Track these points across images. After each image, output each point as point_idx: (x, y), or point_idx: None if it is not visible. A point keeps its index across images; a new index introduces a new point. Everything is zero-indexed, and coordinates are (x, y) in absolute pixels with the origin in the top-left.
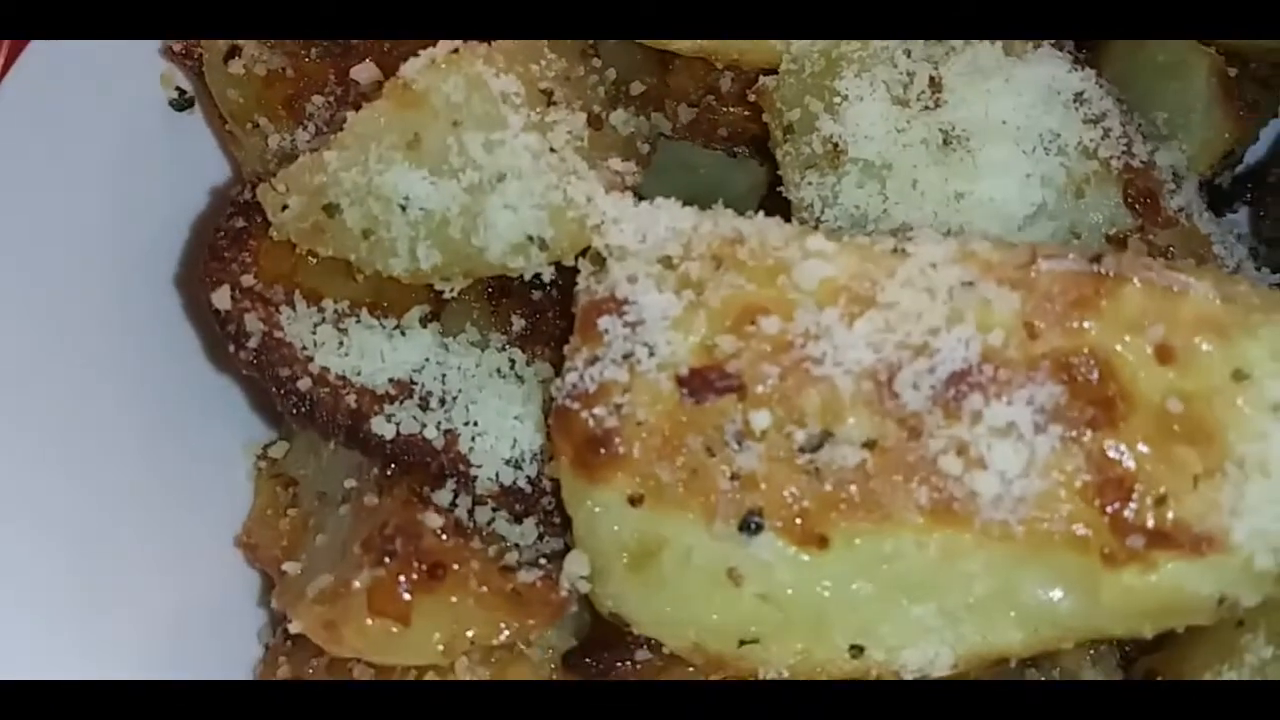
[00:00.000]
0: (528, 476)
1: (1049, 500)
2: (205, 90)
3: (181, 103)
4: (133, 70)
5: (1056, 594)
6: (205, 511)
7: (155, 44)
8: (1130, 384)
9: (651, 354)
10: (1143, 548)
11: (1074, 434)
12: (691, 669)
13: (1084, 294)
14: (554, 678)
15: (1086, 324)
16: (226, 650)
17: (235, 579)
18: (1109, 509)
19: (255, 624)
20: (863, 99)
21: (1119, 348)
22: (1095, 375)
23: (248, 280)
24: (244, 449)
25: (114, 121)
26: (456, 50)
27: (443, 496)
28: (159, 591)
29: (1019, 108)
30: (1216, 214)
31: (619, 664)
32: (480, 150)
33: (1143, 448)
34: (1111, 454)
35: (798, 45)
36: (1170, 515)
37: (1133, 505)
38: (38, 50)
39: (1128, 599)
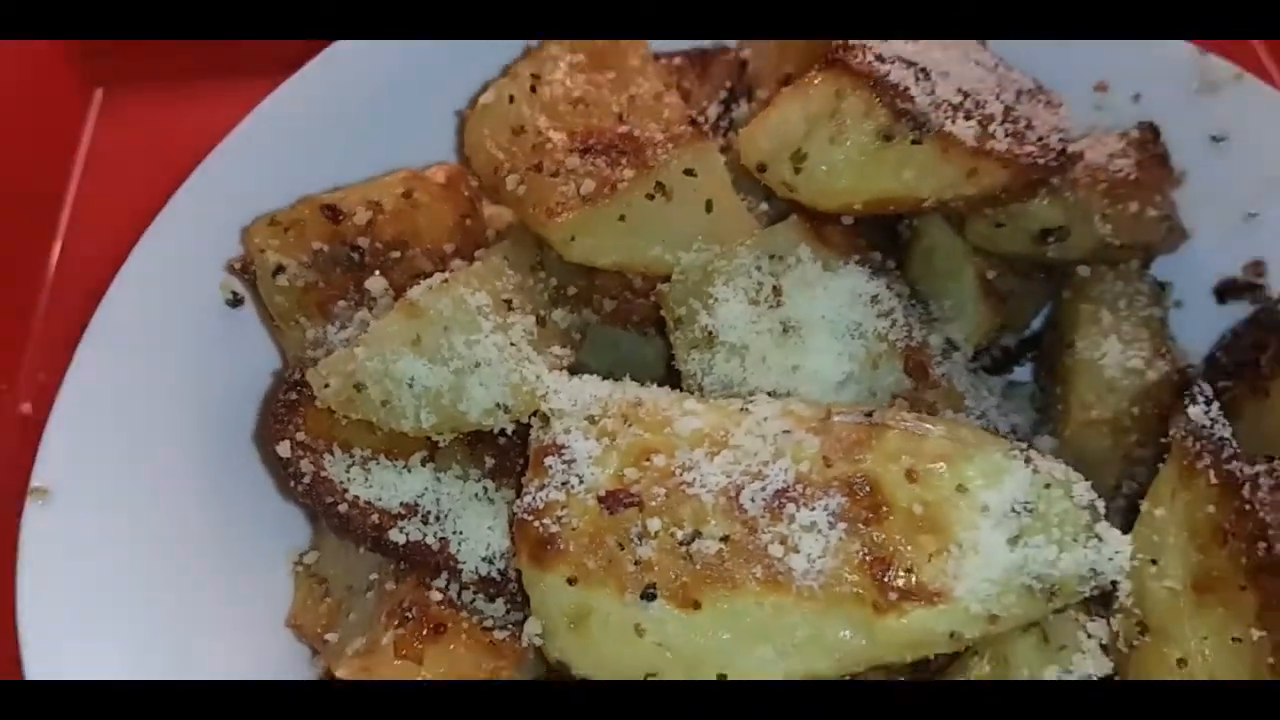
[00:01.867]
0: (499, 569)
1: (839, 572)
2: (254, 294)
3: (235, 301)
4: (201, 280)
5: (848, 634)
6: (261, 603)
7: (217, 261)
8: (890, 496)
9: (580, 481)
10: (898, 600)
11: (854, 528)
12: None
13: (860, 437)
14: None
15: (861, 457)
16: None
17: (286, 652)
18: (876, 576)
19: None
20: (728, 300)
21: (882, 471)
22: (867, 490)
23: (300, 436)
24: (285, 557)
25: (192, 316)
26: (445, 280)
27: (440, 583)
28: (234, 657)
29: (833, 307)
30: (1006, 370)
31: None
32: (463, 346)
33: (898, 536)
34: (878, 541)
35: (686, 259)
36: (915, 579)
37: (891, 573)
38: (138, 259)
39: (892, 636)
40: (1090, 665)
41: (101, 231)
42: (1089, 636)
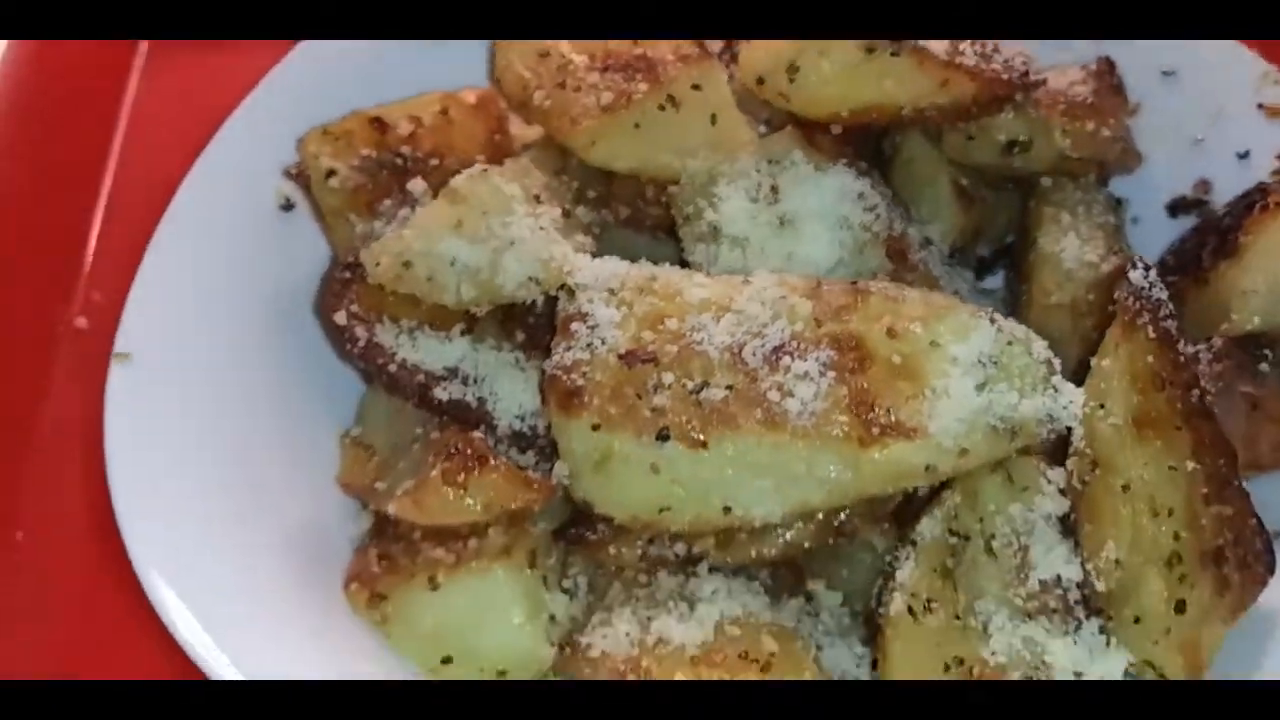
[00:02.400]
0: (529, 426)
1: (829, 413)
2: (309, 199)
3: (287, 206)
4: (259, 187)
5: (836, 468)
6: (315, 464)
7: (274, 169)
8: (873, 350)
9: (603, 342)
10: (879, 435)
11: (841, 376)
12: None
13: (847, 301)
14: (549, 548)
15: (847, 318)
16: (333, 550)
17: (337, 506)
18: (861, 415)
19: (348, 535)
20: (731, 199)
21: (866, 329)
22: (853, 345)
23: (354, 308)
24: (333, 431)
25: (252, 217)
26: (484, 170)
27: (478, 435)
28: (288, 510)
29: (824, 202)
30: (980, 277)
31: (587, 533)
32: (499, 228)
33: (879, 383)
34: (862, 386)
35: (692, 165)
36: (894, 417)
37: (874, 413)
38: (204, 163)
39: (875, 468)
40: (1050, 505)
41: (151, 161)
42: (1049, 482)
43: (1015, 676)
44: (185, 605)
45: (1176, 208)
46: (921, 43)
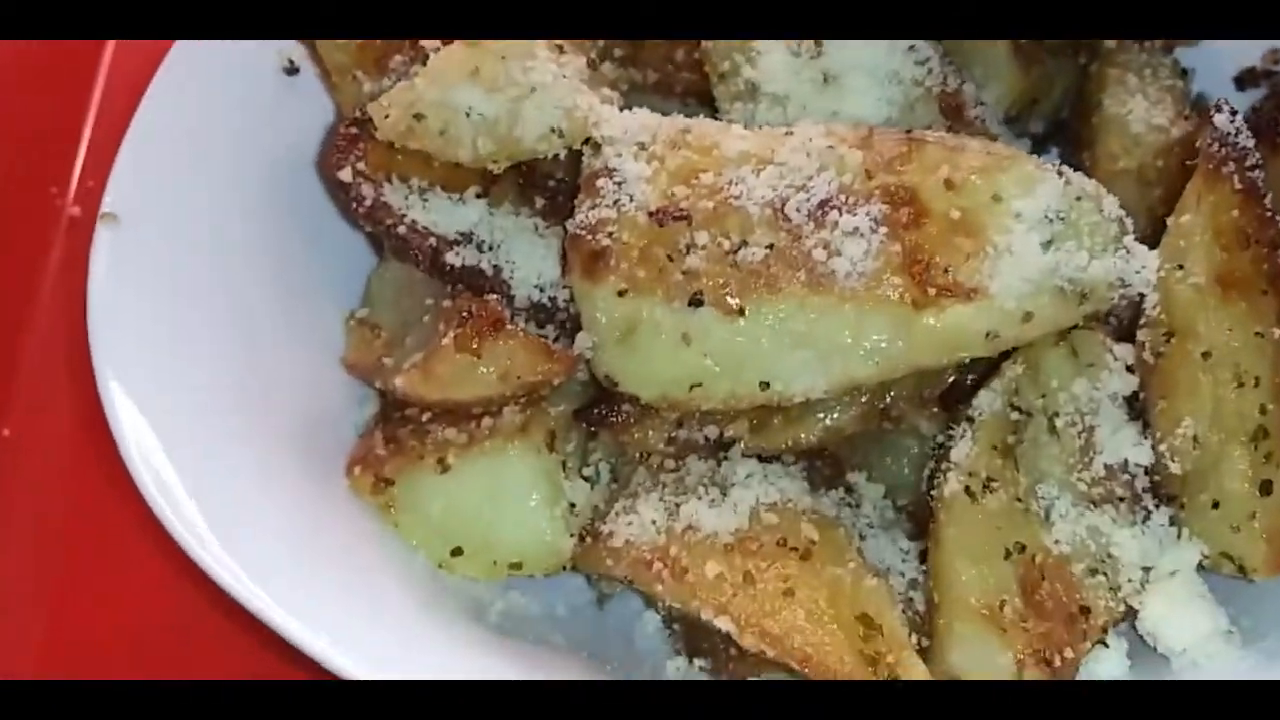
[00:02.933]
0: (549, 296)
1: (880, 272)
2: (313, 58)
3: (291, 70)
4: (257, 48)
5: (887, 336)
6: (318, 341)
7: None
8: (929, 203)
9: (631, 199)
10: (936, 296)
11: (894, 232)
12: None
13: (901, 151)
14: (569, 430)
15: (902, 168)
16: (336, 436)
17: (341, 390)
18: (915, 275)
19: (352, 421)
20: (770, 52)
21: (921, 181)
22: (907, 198)
23: (361, 166)
24: (338, 313)
25: (249, 78)
26: None
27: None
28: (288, 392)
29: (872, 55)
30: (1034, 152)
31: (610, 414)
32: (519, 74)
33: (936, 239)
34: (917, 243)
35: None
36: (952, 277)
37: (929, 272)
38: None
39: (930, 335)
40: (1117, 383)
41: (148, 46)
42: (1115, 359)
43: (1079, 568)
44: (180, 499)
45: (1245, 80)
46: None
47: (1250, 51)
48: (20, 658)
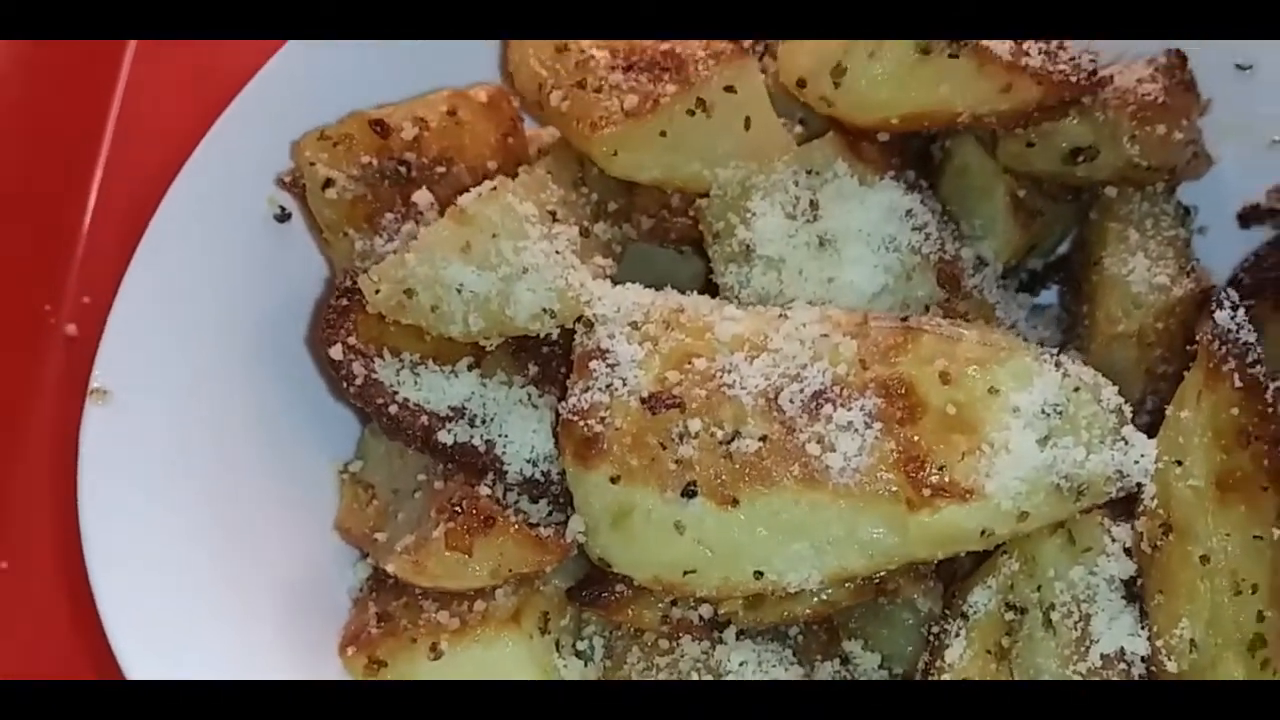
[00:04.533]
0: (542, 471)
1: (874, 470)
2: (304, 209)
3: (282, 217)
4: (250, 195)
5: (882, 531)
6: (310, 507)
7: (266, 176)
8: (924, 397)
9: (624, 384)
10: (931, 497)
11: (889, 428)
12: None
13: (896, 341)
14: (562, 608)
15: (896, 360)
16: (330, 602)
17: (334, 554)
18: (910, 474)
19: (347, 583)
20: (765, 214)
21: (917, 374)
22: (902, 391)
23: (352, 340)
24: (332, 467)
25: (241, 230)
26: (494, 187)
27: (486, 483)
28: (280, 559)
29: (869, 221)
30: (1032, 292)
31: (604, 594)
32: (511, 253)
33: (932, 436)
34: (912, 439)
35: (723, 175)
36: (948, 476)
37: (924, 471)
38: (189, 175)
39: (925, 532)
40: (1115, 567)
41: (141, 160)
42: (1113, 540)
43: None
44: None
45: (1249, 217)
46: (983, 43)
47: (1255, 185)
48: None
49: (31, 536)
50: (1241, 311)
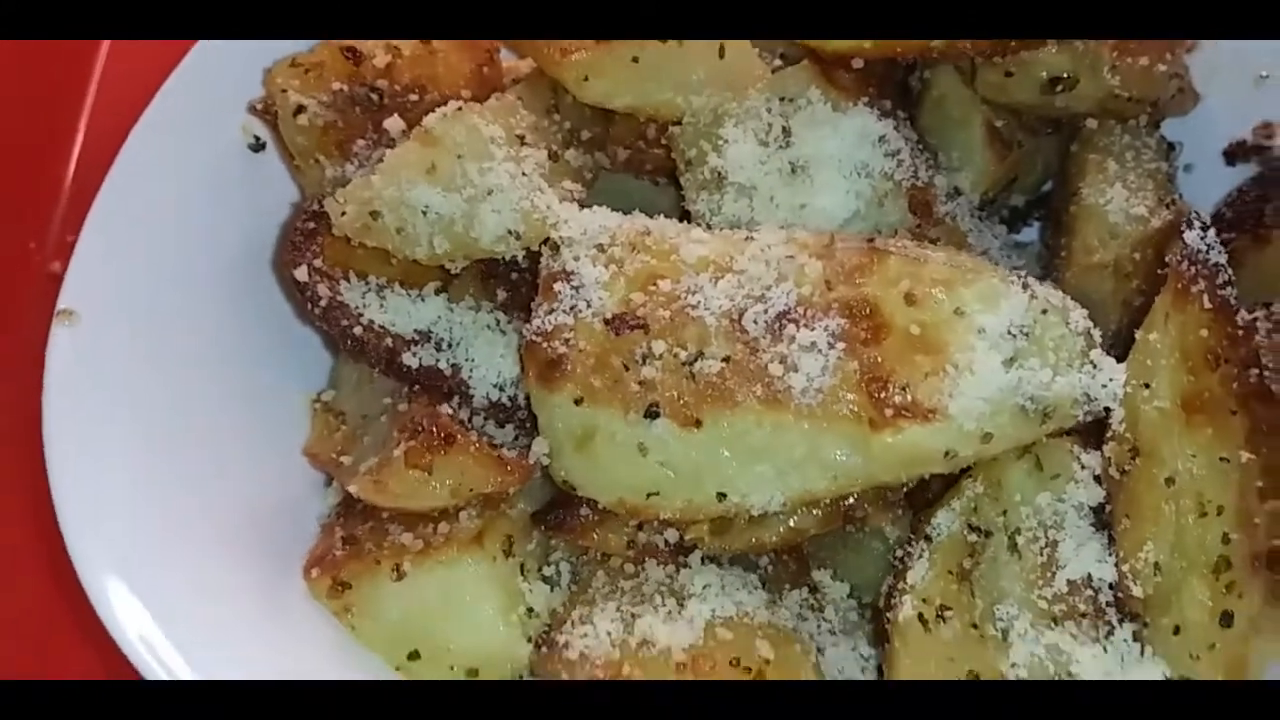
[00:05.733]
0: (509, 396)
1: (837, 390)
2: (276, 136)
3: (257, 146)
4: (223, 122)
5: (844, 452)
6: (279, 433)
7: (239, 104)
8: (889, 318)
9: (588, 305)
10: (893, 417)
11: (852, 348)
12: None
13: (862, 262)
14: (528, 532)
15: (862, 280)
16: (298, 529)
17: (302, 480)
18: (873, 394)
19: (315, 511)
20: (738, 141)
21: (882, 295)
22: (867, 312)
23: (318, 263)
24: (303, 396)
25: (214, 157)
26: (460, 108)
27: (450, 406)
28: (249, 482)
29: (841, 147)
30: (1014, 228)
31: (569, 518)
32: (476, 174)
33: (895, 356)
34: (875, 360)
35: (696, 102)
36: (910, 396)
37: (887, 391)
38: (162, 101)
39: (888, 453)
40: (1084, 494)
41: (125, 107)
42: (1083, 468)
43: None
44: (133, 605)
45: (1235, 154)
46: None
47: (1241, 122)
48: None
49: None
50: (1212, 232)
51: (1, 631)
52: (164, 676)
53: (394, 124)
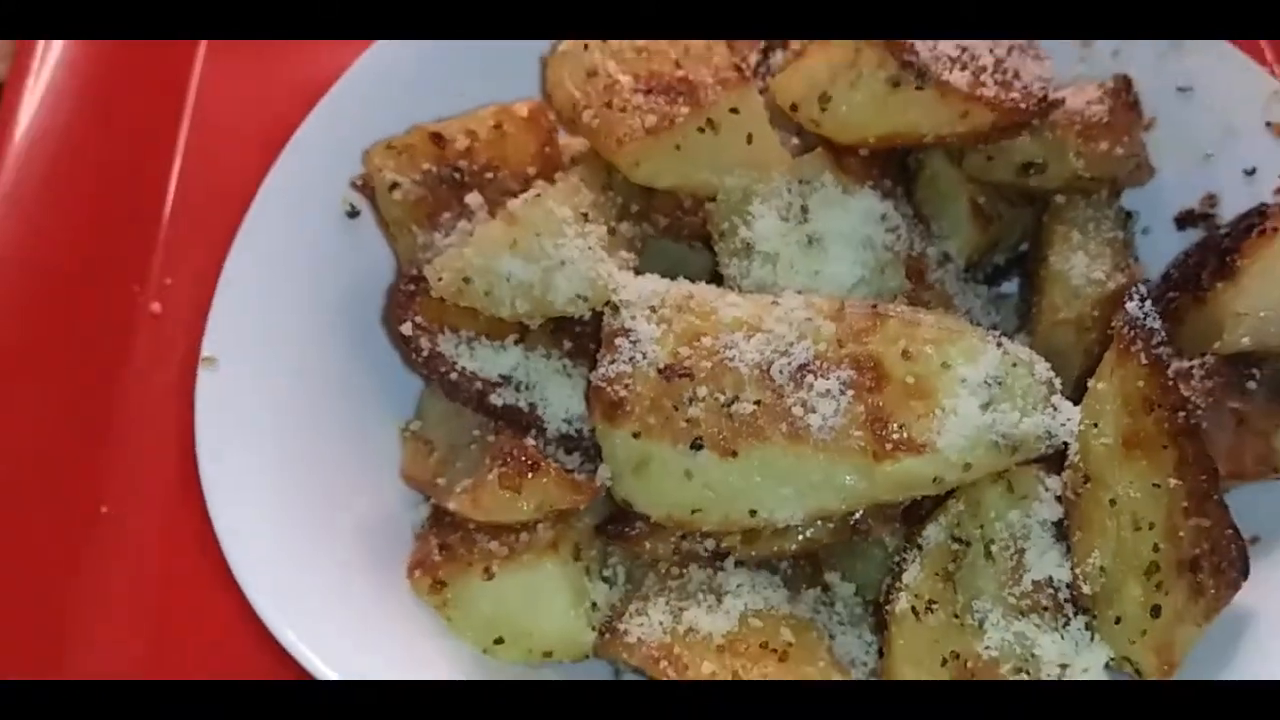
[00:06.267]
0: (576, 429)
1: (847, 428)
2: (373, 207)
3: (352, 214)
4: (329, 196)
5: (852, 478)
6: (380, 459)
7: (342, 180)
8: (889, 370)
9: (644, 357)
10: (892, 450)
11: (860, 395)
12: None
13: (867, 324)
14: (592, 541)
15: (867, 339)
16: (397, 539)
17: (400, 498)
18: (876, 431)
19: (409, 523)
20: (763, 217)
21: (883, 351)
22: (871, 365)
23: (419, 319)
24: (394, 425)
25: (323, 225)
26: (538, 194)
27: (530, 438)
28: (357, 501)
29: (850, 223)
30: (996, 283)
31: (626, 529)
32: (551, 248)
33: (893, 402)
34: (878, 404)
35: (729, 183)
36: (906, 434)
37: (887, 429)
38: (277, 174)
39: (887, 479)
40: (1046, 511)
41: (212, 158)
42: (1046, 490)
43: (1006, 669)
44: (271, 595)
45: (1184, 220)
46: (944, 76)
47: (1190, 193)
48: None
49: (130, 492)
50: (1149, 302)
51: (177, 636)
52: (308, 664)
53: (474, 199)
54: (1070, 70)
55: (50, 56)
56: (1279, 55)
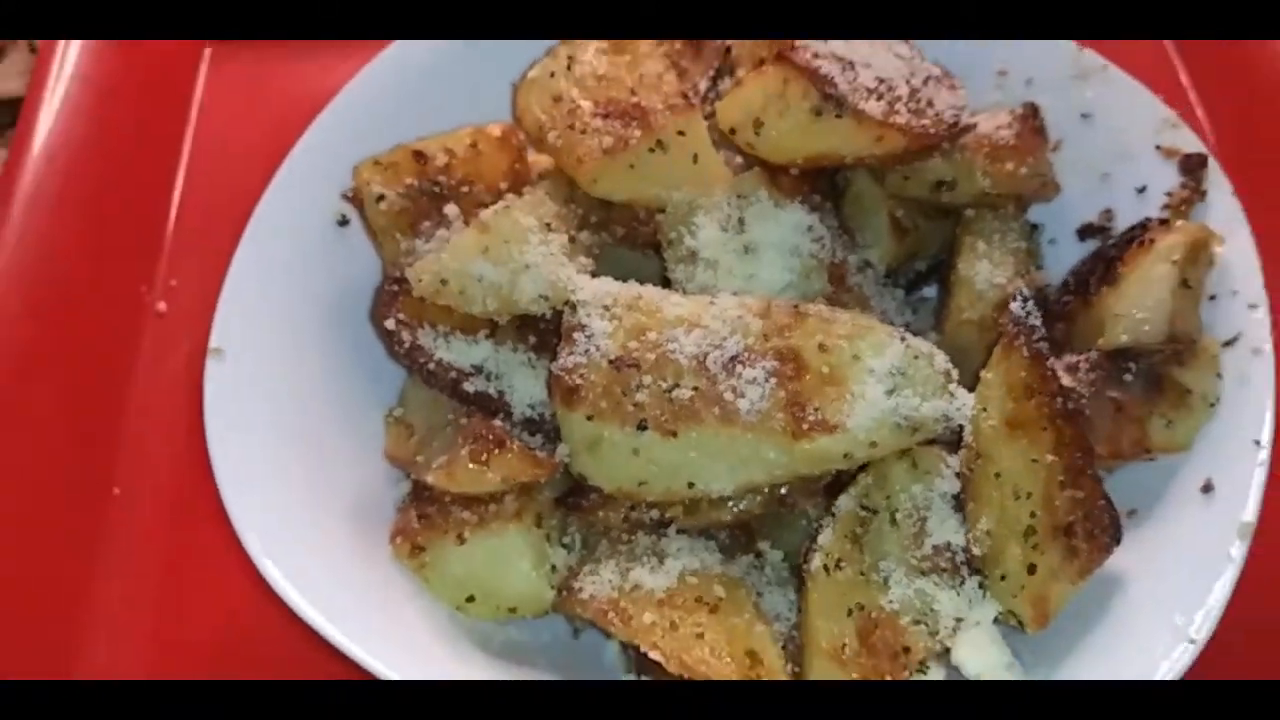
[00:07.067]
0: (539, 414)
1: (771, 411)
2: (361, 216)
3: (343, 222)
4: (322, 207)
5: (775, 455)
6: (367, 440)
7: (334, 192)
8: (808, 361)
9: (597, 350)
10: (809, 430)
11: (781, 383)
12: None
13: (789, 321)
14: (552, 511)
15: (789, 334)
16: (381, 511)
17: (384, 474)
18: (795, 414)
19: (391, 498)
20: (706, 228)
21: (803, 345)
22: (792, 357)
23: (401, 316)
24: (380, 410)
25: (317, 232)
26: (507, 205)
27: (498, 421)
28: (347, 478)
29: (781, 234)
30: (917, 287)
31: (582, 500)
32: (517, 254)
33: (811, 389)
34: (797, 391)
35: (676, 198)
36: (821, 416)
37: (805, 412)
38: (272, 192)
39: (805, 455)
40: (946, 485)
41: (214, 165)
42: (947, 467)
43: (905, 620)
44: (271, 557)
45: (1085, 232)
46: (861, 106)
47: (1091, 208)
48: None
49: (140, 475)
50: (1031, 303)
51: (188, 608)
52: (307, 618)
53: (451, 210)
54: (988, 98)
55: (65, 72)
56: (1184, 57)
